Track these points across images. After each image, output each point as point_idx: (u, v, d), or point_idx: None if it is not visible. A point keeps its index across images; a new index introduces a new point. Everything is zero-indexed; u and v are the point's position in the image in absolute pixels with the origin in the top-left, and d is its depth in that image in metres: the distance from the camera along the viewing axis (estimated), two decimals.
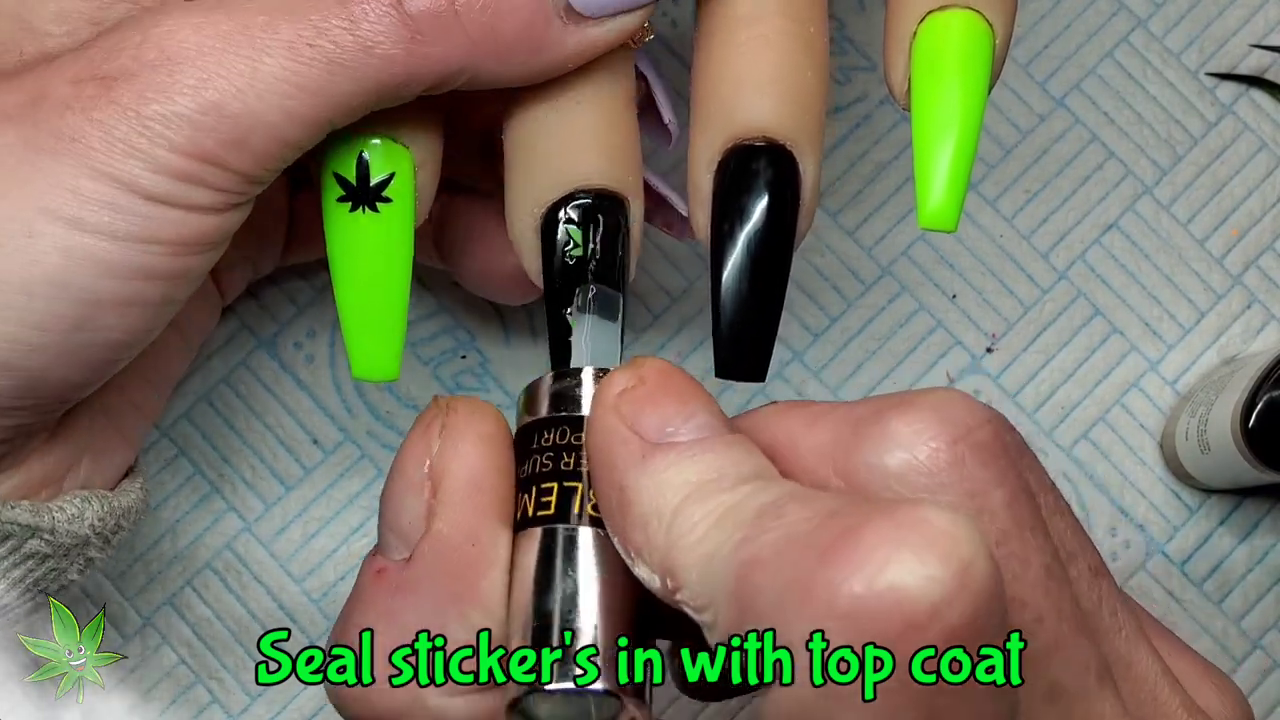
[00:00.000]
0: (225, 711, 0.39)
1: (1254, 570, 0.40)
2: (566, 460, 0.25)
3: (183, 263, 0.27)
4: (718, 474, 0.22)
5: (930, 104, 0.27)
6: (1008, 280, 0.42)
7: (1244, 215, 0.42)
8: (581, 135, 0.28)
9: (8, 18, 0.28)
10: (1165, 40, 0.43)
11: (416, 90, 0.27)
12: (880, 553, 0.19)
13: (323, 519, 0.40)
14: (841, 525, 0.20)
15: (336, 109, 0.26)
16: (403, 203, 0.28)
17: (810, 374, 0.41)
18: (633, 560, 0.23)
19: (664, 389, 0.24)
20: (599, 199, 0.28)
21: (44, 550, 0.29)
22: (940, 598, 0.19)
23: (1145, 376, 0.41)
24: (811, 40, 0.28)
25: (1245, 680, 0.40)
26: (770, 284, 0.28)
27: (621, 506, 0.23)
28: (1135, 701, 0.24)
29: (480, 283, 0.36)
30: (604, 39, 0.27)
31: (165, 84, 0.25)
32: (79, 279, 0.26)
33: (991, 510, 0.22)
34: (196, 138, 0.25)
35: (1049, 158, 0.42)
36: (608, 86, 0.28)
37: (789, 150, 0.27)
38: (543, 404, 0.26)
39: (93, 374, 0.28)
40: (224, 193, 0.26)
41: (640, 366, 0.24)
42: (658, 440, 0.23)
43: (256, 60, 0.25)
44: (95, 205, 0.25)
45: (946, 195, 0.27)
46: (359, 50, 0.25)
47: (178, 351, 0.35)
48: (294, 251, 0.38)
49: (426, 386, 0.40)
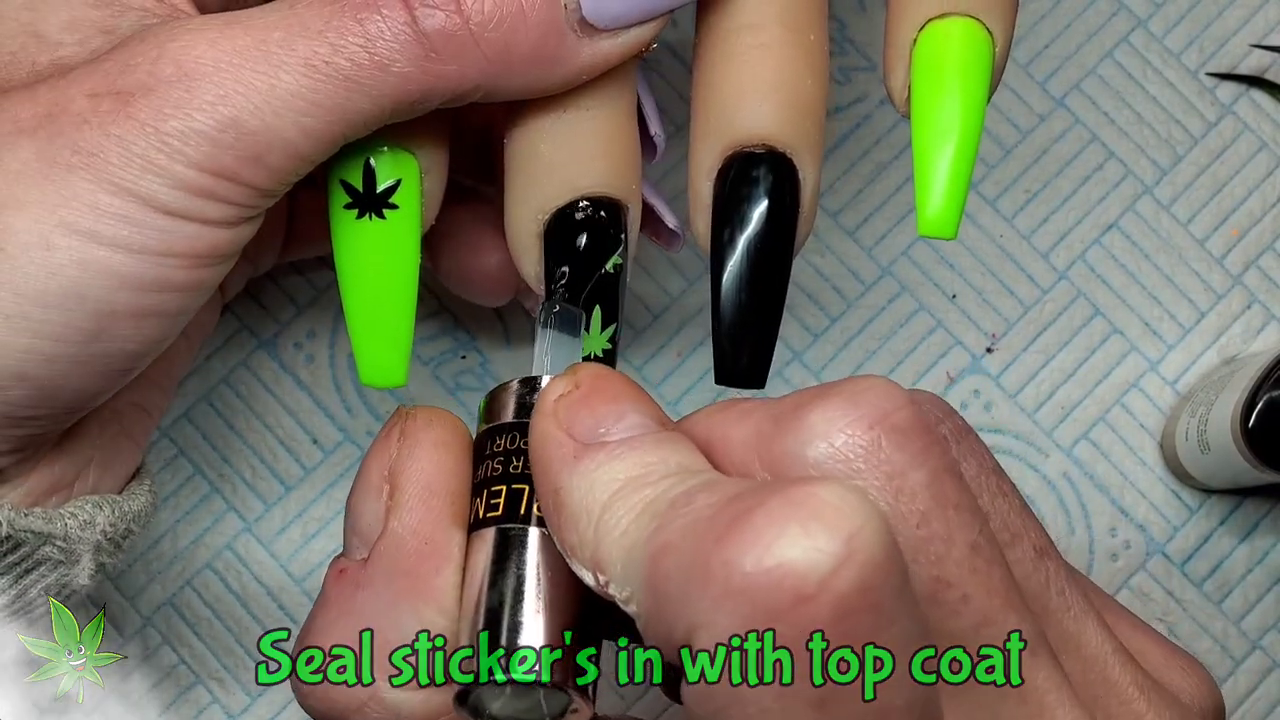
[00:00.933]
0: (225, 711, 0.39)
1: (1254, 570, 0.40)
2: (515, 464, 0.26)
3: (197, 275, 0.27)
4: (644, 470, 0.22)
5: (930, 111, 0.27)
6: (1008, 280, 0.42)
7: (1244, 215, 0.42)
8: (589, 143, 0.28)
9: (19, 29, 0.28)
10: (1165, 40, 0.43)
11: (431, 106, 0.27)
12: (770, 530, 0.19)
13: (323, 519, 0.40)
14: (740, 507, 0.20)
15: (351, 125, 0.26)
16: (409, 209, 0.28)
17: (810, 374, 0.41)
18: (570, 558, 0.23)
19: (597, 392, 0.24)
20: (601, 206, 0.28)
21: (56, 557, 0.29)
22: (828, 568, 0.19)
23: (1145, 376, 0.41)
24: (811, 48, 0.28)
25: (1245, 680, 0.40)
26: (770, 290, 0.28)
27: (556, 506, 0.23)
28: (1085, 681, 0.24)
29: (459, 282, 0.36)
30: (618, 51, 0.27)
31: (183, 100, 0.25)
32: (95, 291, 0.26)
33: (911, 491, 0.22)
34: (215, 154, 0.25)
35: (1049, 158, 0.42)
36: (614, 95, 0.29)
37: (789, 158, 0.27)
38: (496, 412, 0.27)
39: (107, 384, 0.28)
40: (239, 206, 0.27)
41: (577, 373, 0.25)
42: (589, 441, 0.23)
43: (273, 77, 0.25)
44: (112, 219, 0.25)
45: (946, 203, 0.27)
46: (375, 69, 0.26)
47: (180, 351, 0.35)
48: (293, 249, 0.38)
49: (427, 386, 0.40)
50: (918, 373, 0.41)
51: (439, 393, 0.40)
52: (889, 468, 0.22)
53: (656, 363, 0.41)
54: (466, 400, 0.40)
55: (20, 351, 0.26)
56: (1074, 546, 0.40)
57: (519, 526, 0.25)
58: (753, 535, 0.19)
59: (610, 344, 0.29)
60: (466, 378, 0.41)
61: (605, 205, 0.28)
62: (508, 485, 0.26)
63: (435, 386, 0.40)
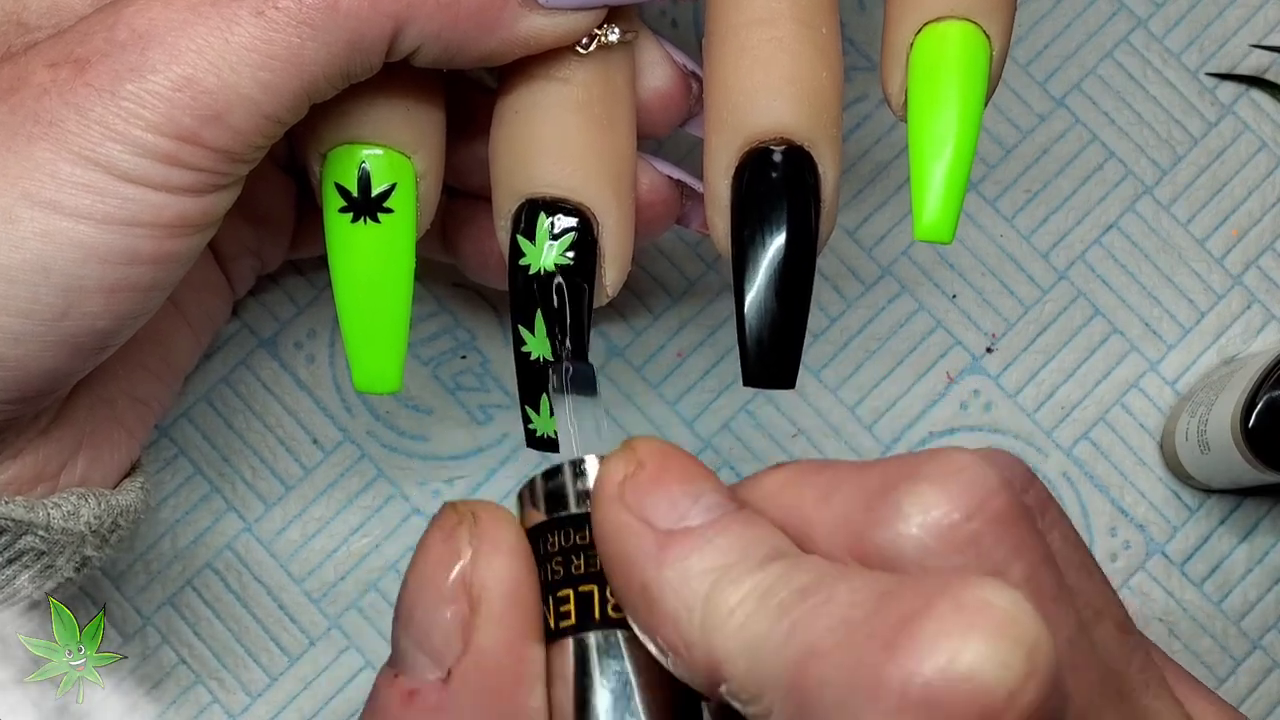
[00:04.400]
0: (225, 711, 0.39)
1: (1254, 570, 0.40)
2: (576, 563, 0.24)
3: (167, 246, 0.26)
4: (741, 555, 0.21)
5: (927, 115, 0.27)
6: (1008, 280, 0.42)
7: (1244, 215, 0.42)
8: (529, 144, 0.28)
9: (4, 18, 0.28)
10: (1165, 40, 0.43)
11: (378, 52, 0.26)
12: (949, 640, 0.18)
13: (323, 519, 0.40)
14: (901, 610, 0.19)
15: (310, 77, 0.26)
16: (404, 213, 0.28)
17: (810, 374, 0.41)
18: (667, 657, 0.22)
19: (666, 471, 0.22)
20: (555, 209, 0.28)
21: (38, 547, 0.29)
22: (1015, 683, 0.18)
23: (1145, 376, 0.41)
24: (824, 41, 0.28)
25: (1245, 680, 0.40)
26: (796, 290, 0.27)
27: (647, 604, 0.21)
28: None
29: (478, 268, 0.36)
30: (551, 32, 0.27)
31: (138, 62, 0.25)
32: (61, 264, 0.25)
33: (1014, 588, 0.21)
34: (173, 115, 0.25)
35: (1049, 158, 0.42)
36: (559, 95, 0.28)
37: (808, 151, 0.27)
38: (540, 506, 0.25)
39: (80, 362, 0.27)
40: (205, 173, 0.26)
41: (635, 449, 0.23)
42: (670, 527, 0.22)
43: (226, 30, 0.25)
44: (75, 189, 0.25)
45: (942, 207, 0.27)
46: (325, 8, 0.25)
47: (184, 343, 0.35)
48: (302, 244, 0.38)
49: (426, 386, 0.40)
50: (918, 373, 0.41)
51: (439, 392, 0.40)
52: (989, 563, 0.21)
53: (656, 363, 0.41)
54: (466, 400, 0.40)
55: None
56: None
57: (600, 632, 0.23)
58: (929, 645, 0.18)
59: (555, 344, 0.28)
60: (466, 378, 0.41)
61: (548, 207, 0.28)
62: (574, 588, 0.24)
63: (435, 386, 0.40)
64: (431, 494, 0.40)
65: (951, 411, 0.41)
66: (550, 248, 0.28)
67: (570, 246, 0.28)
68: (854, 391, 0.41)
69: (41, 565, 0.29)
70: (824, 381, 0.41)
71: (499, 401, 0.40)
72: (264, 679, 0.39)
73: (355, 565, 0.39)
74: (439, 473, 0.40)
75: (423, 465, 0.40)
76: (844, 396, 0.41)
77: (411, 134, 0.28)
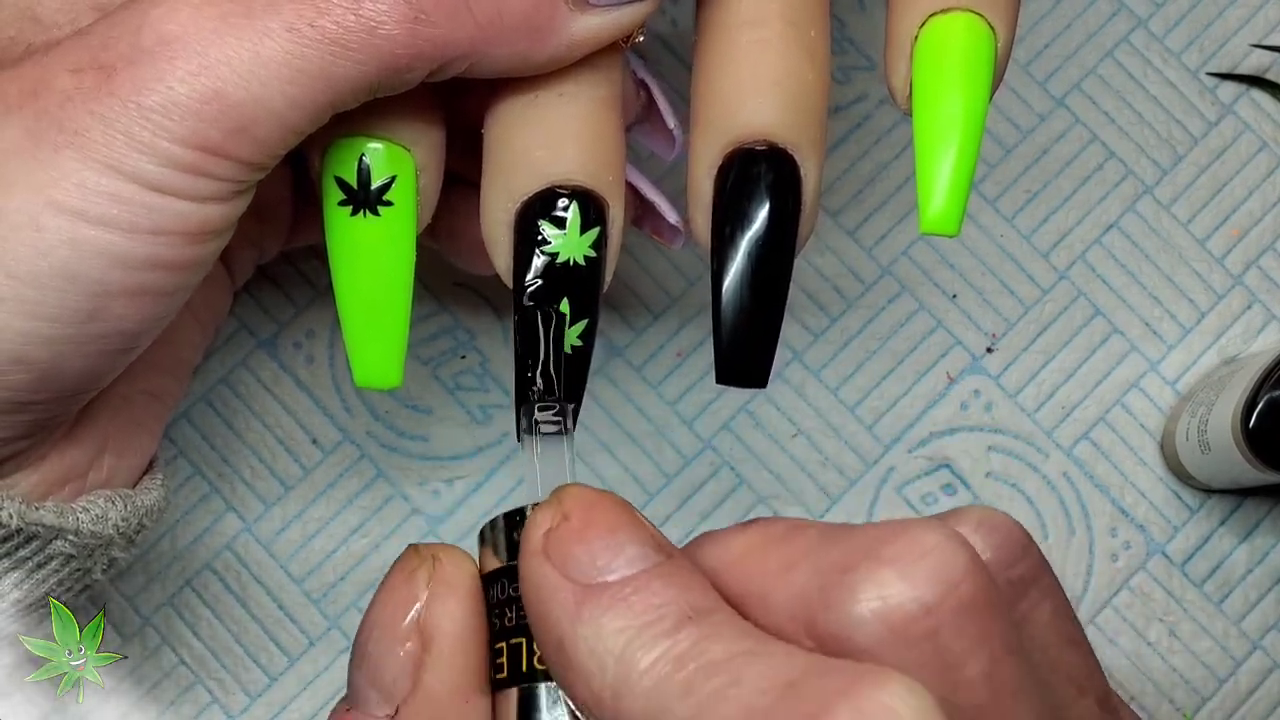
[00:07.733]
0: (225, 711, 0.39)
1: (1254, 570, 0.40)
2: (509, 616, 0.24)
3: (191, 252, 0.26)
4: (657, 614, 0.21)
5: (932, 108, 0.27)
6: (1008, 280, 0.42)
7: (1244, 215, 0.42)
8: (562, 130, 0.28)
9: (18, 15, 0.28)
10: (1165, 40, 0.43)
11: (419, 75, 0.26)
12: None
13: (322, 519, 0.40)
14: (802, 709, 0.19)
15: (338, 93, 0.25)
16: (404, 206, 0.28)
17: (810, 374, 0.41)
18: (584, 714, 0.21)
19: (590, 524, 0.22)
20: (576, 198, 0.28)
21: (69, 551, 0.29)
22: None
23: (1145, 376, 0.41)
24: (813, 44, 0.27)
25: (1246, 680, 0.40)
26: (772, 289, 0.27)
27: (563, 660, 0.21)
28: None
29: (464, 253, 0.35)
30: (605, 29, 0.27)
31: (164, 72, 0.25)
32: (88, 271, 0.25)
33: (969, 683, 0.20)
34: (199, 129, 0.25)
35: (1049, 158, 0.42)
36: (590, 85, 0.28)
37: (790, 154, 0.27)
38: (496, 550, 0.25)
39: (109, 363, 0.27)
40: (228, 182, 0.26)
41: (563, 501, 0.22)
42: (589, 581, 0.21)
43: (257, 44, 0.25)
44: (100, 198, 0.25)
45: (948, 200, 0.27)
46: (361, 31, 0.25)
47: (191, 336, 0.35)
48: (301, 233, 0.38)
49: (426, 386, 0.40)
50: (918, 373, 0.41)
51: (438, 392, 0.40)
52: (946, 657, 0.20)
53: (656, 363, 0.41)
54: (466, 400, 0.40)
55: (18, 334, 0.25)
56: (1074, 546, 0.40)
57: (547, 684, 0.23)
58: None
59: (581, 341, 0.28)
60: (466, 378, 0.41)
61: (580, 196, 0.28)
62: (506, 641, 0.24)
63: (435, 386, 0.40)
64: (431, 494, 0.40)
65: (952, 411, 0.41)
66: (577, 240, 0.28)
67: (595, 241, 0.28)
68: (854, 391, 0.41)
69: (72, 569, 0.29)
70: (824, 381, 0.41)
71: (499, 401, 0.40)
72: (264, 679, 0.39)
73: (355, 565, 0.39)
74: (439, 473, 0.40)
75: (422, 465, 0.40)
76: (844, 396, 0.41)
77: (411, 126, 0.28)
